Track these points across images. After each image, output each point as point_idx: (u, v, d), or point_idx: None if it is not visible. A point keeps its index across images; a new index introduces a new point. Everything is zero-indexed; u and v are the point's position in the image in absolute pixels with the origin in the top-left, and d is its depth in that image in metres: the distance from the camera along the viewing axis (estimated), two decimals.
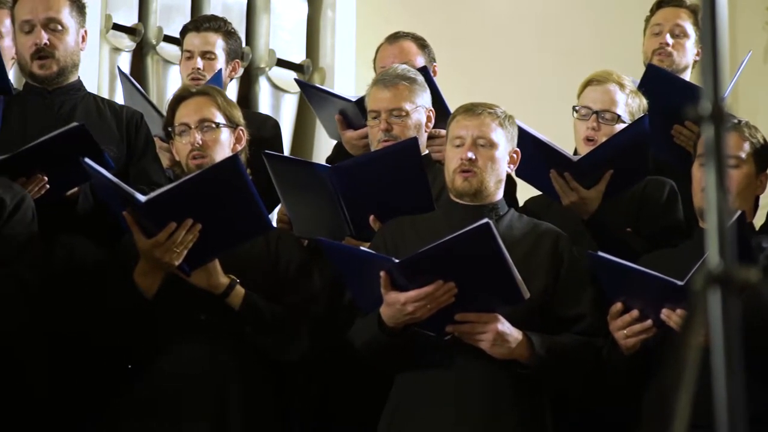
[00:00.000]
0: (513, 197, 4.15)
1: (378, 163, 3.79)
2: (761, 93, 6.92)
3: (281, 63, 6.50)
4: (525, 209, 4.00)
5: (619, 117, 3.97)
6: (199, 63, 4.64)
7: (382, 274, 3.32)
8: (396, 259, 3.30)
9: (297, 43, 6.59)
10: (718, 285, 1.56)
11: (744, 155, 3.64)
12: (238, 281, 3.56)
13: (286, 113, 6.40)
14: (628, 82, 4.04)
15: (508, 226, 3.60)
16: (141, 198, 3.36)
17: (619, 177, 3.85)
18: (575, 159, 3.85)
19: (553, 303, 3.53)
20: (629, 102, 4.00)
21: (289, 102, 6.47)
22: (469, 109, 3.63)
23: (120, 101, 5.01)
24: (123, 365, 3.73)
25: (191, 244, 3.42)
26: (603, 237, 3.79)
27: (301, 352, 3.62)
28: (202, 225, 3.41)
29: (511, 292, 3.33)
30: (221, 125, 3.73)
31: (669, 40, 4.62)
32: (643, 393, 3.47)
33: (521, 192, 4.24)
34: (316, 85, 5.43)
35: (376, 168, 3.77)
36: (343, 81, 6.49)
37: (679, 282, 3.22)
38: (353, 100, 4.36)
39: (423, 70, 4.33)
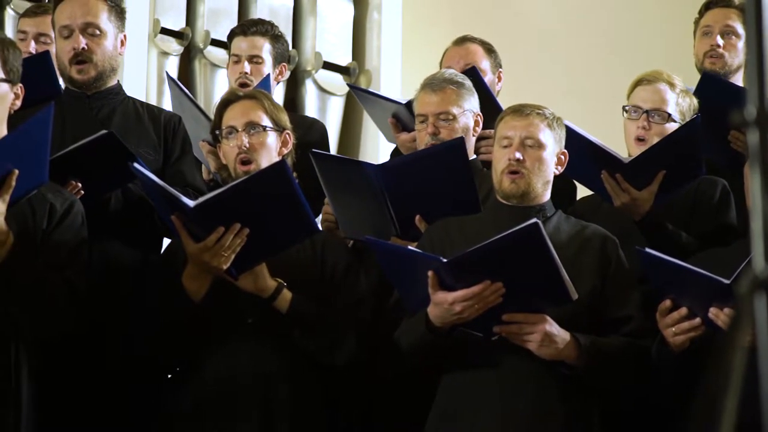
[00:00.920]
0: (573, 200, 4.16)
1: (424, 162, 3.79)
2: None
3: (327, 66, 6.51)
4: (573, 211, 3.99)
5: (670, 116, 3.96)
6: (247, 67, 4.66)
7: (429, 273, 3.32)
8: (444, 259, 3.30)
9: (343, 46, 6.61)
10: (763, 290, 1.56)
11: None
12: (285, 284, 3.57)
13: (332, 116, 6.42)
14: (678, 81, 4.02)
15: (555, 227, 3.59)
16: (189, 203, 3.38)
17: (672, 177, 3.82)
18: (626, 160, 3.83)
19: (601, 304, 3.52)
20: (680, 101, 3.98)
21: (336, 105, 6.49)
22: (518, 110, 3.63)
23: (168, 105, 5.05)
24: (171, 369, 3.76)
25: (239, 248, 3.44)
26: (655, 237, 3.77)
27: (348, 355, 3.62)
28: (249, 229, 3.43)
29: (559, 292, 3.32)
30: (268, 128, 3.74)
31: (719, 41, 4.60)
32: (692, 392, 3.45)
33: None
34: (367, 90, 5.43)
35: (422, 167, 3.77)
36: (390, 83, 6.50)
37: (726, 281, 3.20)
38: (404, 102, 4.37)
39: (472, 71, 4.34)
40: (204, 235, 3.42)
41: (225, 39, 5.00)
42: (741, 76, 4.62)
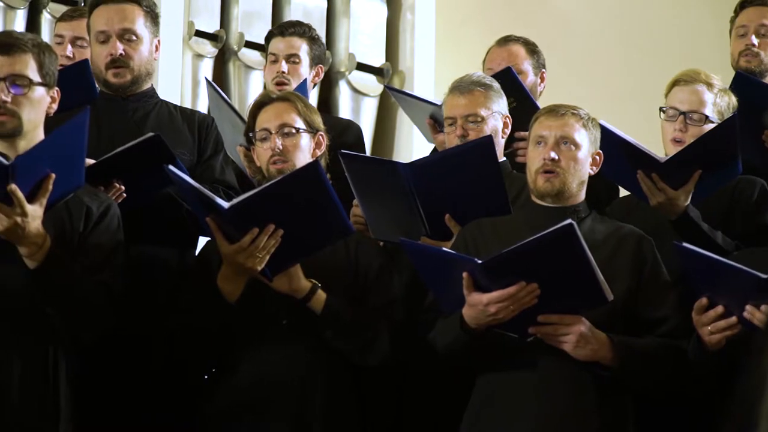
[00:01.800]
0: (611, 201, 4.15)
1: (453, 161, 3.78)
2: None
3: (361, 67, 6.52)
4: (608, 212, 3.98)
5: (707, 117, 3.94)
6: (284, 66, 4.70)
7: (464, 275, 3.32)
8: (478, 260, 3.30)
9: (376, 47, 6.61)
10: None
11: None
12: (319, 285, 3.58)
13: (366, 117, 6.42)
14: (716, 80, 3.99)
15: (590, 228, 3.58)
16: (224, 204, 3.40)
17: (708, 177, 3.81)
18: (662, 160, 3.82)
19: (636, 305, 3.51)
20: (718, 101, 3.96)
21: (369, 105, 6.49)
22: (552, 110, 3.63)
23: (202, 108, 5.07)
24: (206, 369, 3.77)
25: (273, 249, 3.45)
26: (691, 237, 3.76)
27: (382, 356, 3.62)
28: (283, 230, 3.44)
29: (595, 293, 3.31)
30: (301, 130, 3.75)
31: (754, 40, 4.59)
32: (729, 392, 3.44)
33: None
34: (404, 91, 5.43)
35: (451, 165, 3.77)
36: (423, 84, 6.50)
37: (763, 275, 3.19)
38: (440, 103, 4.37)
39: (507, 71, 4.34)
40: (238, 237, 3.43)
41: (259, 41, 5.02)
42: None
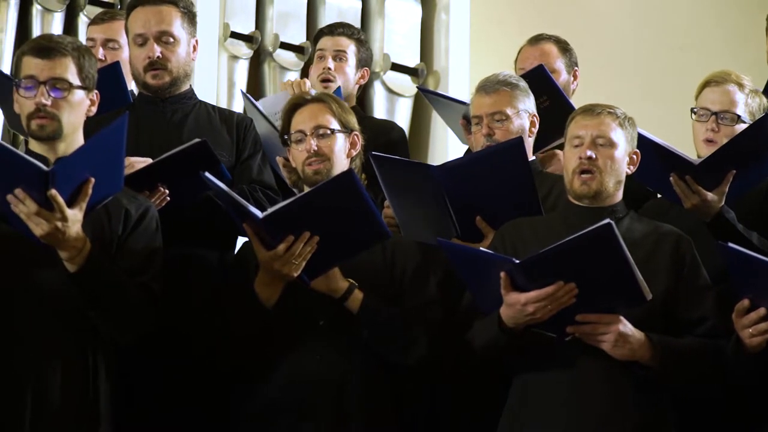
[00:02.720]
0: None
1: (484, 163, 3.78)
2: None
3: (395, 67, 6.52)
4: (642, 213, 3.97)
5: (739, 117, 3.93)
6: (330, 63, 4.75)
7: (502, 274, 3.32)
8: (516, 260, 3.30)
9: (411, 47, 6.61)
10: None
11: None
12: (356, 285, 3.59)
13: (400, 117, 6.42)
14: (747, 81, 3.99)
15: (628, 227, 3.57)
16: (258, 213, 3.40)
17: (742, 177, 3.79)
18: (696, 162, 3.80)
19: (675, 305, 3.50)
20: (749, 102, 3.96)
21: (404, 106, 6.49)
22: (589, 110, 3.63)
23: (238, 110, 5.08)
24: (243, 371, 3.78)
25: (309, 255, 3.46)
26: (726, 238, 3.74)
27: (419, 356, 3.62)
28: (319, 236, 3.44)
29: (633, 293, 3.31)
30: (336, 131, 3.76)
31: None
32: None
33: None
34: (436, 92, 5.44)
35: (482, 167, 3.77)
36: (458, 84, 6.48)
37: None
38: None
39: (539, 69, 4.33)
40: (275, 244, 3.44)
41: (294, 42, 5.03)
42: None
